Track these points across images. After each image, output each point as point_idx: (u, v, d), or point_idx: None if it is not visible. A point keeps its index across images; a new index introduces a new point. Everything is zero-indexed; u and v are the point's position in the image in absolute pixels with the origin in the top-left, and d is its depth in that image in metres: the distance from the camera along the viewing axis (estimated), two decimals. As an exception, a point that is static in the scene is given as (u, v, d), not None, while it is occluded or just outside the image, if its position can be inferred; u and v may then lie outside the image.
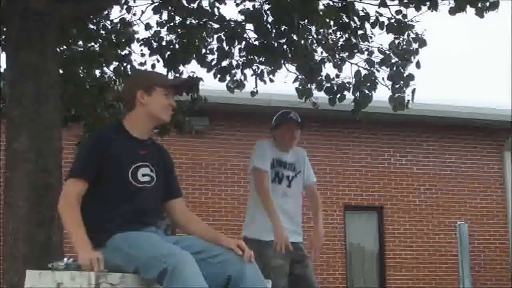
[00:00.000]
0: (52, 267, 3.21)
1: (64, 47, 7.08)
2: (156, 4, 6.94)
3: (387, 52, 6.72)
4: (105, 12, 7.11)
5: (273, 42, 6.73)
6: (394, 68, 6.73)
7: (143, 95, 3.49)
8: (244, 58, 7.05)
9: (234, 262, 3.20)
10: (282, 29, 6.63)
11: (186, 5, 6.79)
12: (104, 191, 3.37)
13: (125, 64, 7.39)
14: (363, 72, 6.79)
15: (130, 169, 3.40)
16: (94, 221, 3.30)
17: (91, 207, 3.36)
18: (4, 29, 6.08)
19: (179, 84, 3.86)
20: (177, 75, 7.24)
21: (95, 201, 3.36)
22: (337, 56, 6.80)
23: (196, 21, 7.00)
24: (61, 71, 6.32)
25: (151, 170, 3.47)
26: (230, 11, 6.96)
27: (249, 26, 6.82)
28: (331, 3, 6.60)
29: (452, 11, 6.12)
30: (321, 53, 6.87)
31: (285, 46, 6.74)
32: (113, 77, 7.46)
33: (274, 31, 6.67)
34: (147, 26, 7.20)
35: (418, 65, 6.63)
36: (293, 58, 6.76)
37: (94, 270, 3.05)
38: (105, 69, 7.47)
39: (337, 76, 6.93)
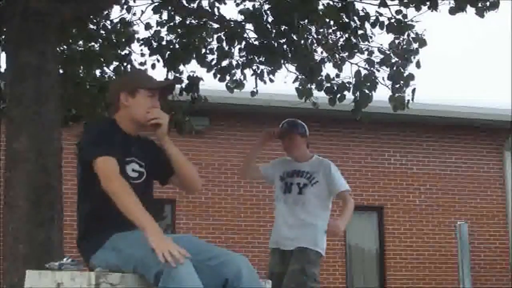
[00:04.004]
0: (48, 267, 3.20)
1: (64, 47, 7.09)
2: (156, 4, 6.94)
3: (387, 52, 6.72)
4: (105, 12, 7.11)
5: (273, 42, 6.74)
6: (394, 68, 6.72)
7: (126, 97, 3.44)
8: (244, 58, 7.05)
9: (231, 264, 3.17)
10: (282, 29, 6.63)
11: (186, 5, 6.79)
12: (100, 187, 3.27)
13: (125, 64, 7.38)
14: (363, 72, 6.79)
15: (122, 164, 3.33)
16: (91, 221, 3.29)
17: (87, 205, 3.34)
18: (4, 29, 6.08)
19: (163, 86, 3.64)
20: (177, 75, 7.24)
21: (91, 199, 3.32)
22: (337, 56, 6.79)
23: (196, 21, 7.01)
24: (61, 71, 6.32)
25: (140, 165, 3.43)
26: (230, 11, 6.96)
27: (249, 26, 6.82)
28: (331, 3, 6.60)
29: (452, 11, 6.12)
30: (321, 53, 6.86)
31: (285, 46, 6.74)
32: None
33: (274, 31, 6.67)
34: (147, 26, 7.20)
35: (418, 65, 6.63)
36: (293, 58, 6.76)
37: (180, 262, 2.96)
38: (105, 69, 7.46)
39: (337, 76, 6.92)
